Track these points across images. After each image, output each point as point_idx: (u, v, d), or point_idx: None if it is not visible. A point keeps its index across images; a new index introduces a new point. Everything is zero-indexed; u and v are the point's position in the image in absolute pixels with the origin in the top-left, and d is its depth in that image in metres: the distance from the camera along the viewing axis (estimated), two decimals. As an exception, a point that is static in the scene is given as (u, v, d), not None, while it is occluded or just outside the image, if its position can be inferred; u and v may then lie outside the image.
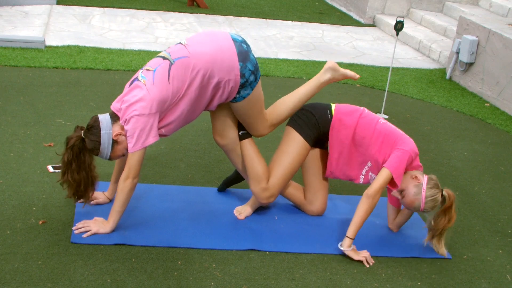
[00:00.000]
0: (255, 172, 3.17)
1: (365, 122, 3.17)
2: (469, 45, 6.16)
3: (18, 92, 4.72)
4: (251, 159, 3.18)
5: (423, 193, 3.02)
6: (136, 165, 2.86)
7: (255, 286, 2.76)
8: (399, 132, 3.16)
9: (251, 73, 2.96)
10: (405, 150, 3.05)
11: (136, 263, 2.81)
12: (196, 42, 2.95)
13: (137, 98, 2.80)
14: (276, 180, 3.19)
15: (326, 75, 3.26)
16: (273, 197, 3.22)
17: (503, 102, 5.81)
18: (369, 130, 3.14)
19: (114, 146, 2.89)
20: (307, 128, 3.21)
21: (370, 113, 3.25)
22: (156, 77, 2.83)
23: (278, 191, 3.22)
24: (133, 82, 2.88)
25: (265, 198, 3.20)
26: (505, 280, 3.06)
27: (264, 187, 3.17)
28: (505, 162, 4.58)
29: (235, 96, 2.99)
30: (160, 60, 2.90)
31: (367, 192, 3.00)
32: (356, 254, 3.02)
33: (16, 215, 3.07)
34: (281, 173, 3.19)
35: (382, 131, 3.13)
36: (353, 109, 3.24)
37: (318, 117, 3.22)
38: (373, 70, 6.64)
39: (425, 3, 8.78)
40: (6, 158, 3.64)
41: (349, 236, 3.02)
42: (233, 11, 8.57)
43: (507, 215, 3.74)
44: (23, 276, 2.62)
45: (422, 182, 3.04)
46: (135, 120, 2.79)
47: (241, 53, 2.93)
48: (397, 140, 3.09)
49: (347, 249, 3.02)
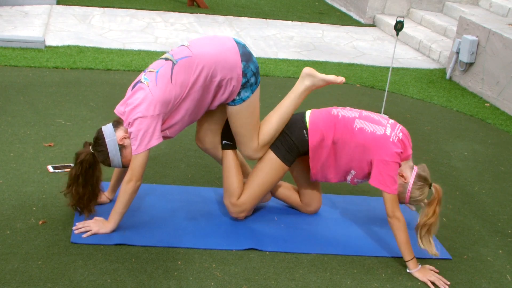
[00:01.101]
0: (229, 186, 3.16)
1: (342, 135, 3.05)
2: (469, 45, 6.16)
3: (18, 92, 4.72)
4: (228, 172, 3.17)
5: (408, 193, 3.02)
6: (140, 167, 2.86)
7: (255, 286, 2.76)
8: (374, 135, 3.00)
9: (252, 74, 2.96)
10: (386, 161, 2.95)
11: (136, 263, 2.80)
12: (199, 43, 2.96)
13: (140, 100, 2.80)
14: (247, 198, 3.16)
15: (304, 83, 3.18)
16: (244, 212, 3.20)
17: (503, 102, 5.81)
18: (347, 143, 3.05)
19: (122, 151, 2.91)
20: (285, 151, 3.14)
21: (344, 117, 3.09)
22: (159, 78, 2.83)
23: (249, 207, 3.19)
24: (136, 85, 2.88)
25: (235, 213, 3.20)
26: (505, 280, 3.06)
27: (233, 202, 3.16)
28: (505, 162, 4.58)
29: (235, 97, 2.98)
30: (163, 61, 2.90)
31: (389, 217, 2.97)
32: (422, 274, 2.96)
33: (16, 215, 3.07)
34: (253, 191, 3.16)
35: (359, 141, 3.02)
36: (328, 120, 3.10)
37: (295, 139, 3.13)
38: (373, 70, 6.64)
39: (425, 3, 8.78)
40: (6, 158, 3.64)
41: (407, 259, 2.98)
42: (233, 11, 8.57)
43: (507, 215, 3.74)
44: (23, 276, 2.62)
45: (408, 181, 3.01)
46: (139, 122, 2.79)
47: (244, 54, 2.94)
48: (375, 149, 2.98)
49: (414, 270, 2.97)
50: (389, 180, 2.96)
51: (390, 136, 2.99)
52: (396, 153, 2.96)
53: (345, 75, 6.24)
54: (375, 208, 3.60)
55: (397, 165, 2.98)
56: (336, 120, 3.09)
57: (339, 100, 5.45)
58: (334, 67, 6.54)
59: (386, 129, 3.02)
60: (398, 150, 2.97)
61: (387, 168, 2.96)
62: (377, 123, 3.04)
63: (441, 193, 2.96)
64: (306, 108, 3.44)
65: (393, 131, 3.01)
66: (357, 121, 3.06)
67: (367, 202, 3.67)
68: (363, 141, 3.01)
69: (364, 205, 3.63)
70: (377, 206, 3.63)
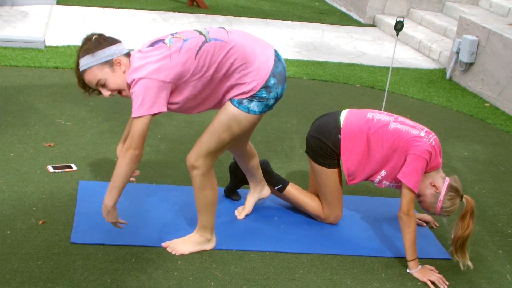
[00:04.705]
0: (313, 211, 3.35)
1: (376, 133, 3.06)
2: (469, 45, 6.16)
3: (18, 92, 4.72)
4: (302, 202, 3.35)
5: (439, 203, 3.00)
6: (139, 135, 2.59)
7: (255, 286, 2.76)
8: (409, 134, 3.02)
9: (275, 97, 2.76)
10: (416, 155, 2.95)
11: (136, 263, 2.80)
12: (240, 35, 2.77)
13: (157, 59, 2.58)
14: (332, 209, 3.32)
15: None
16: (338, 218, 3.34)
17: (503, 102, 5.81)
18: (380, 141, 3.05)
19: (108, 68, 2.65)
20: (328, 159, 3.18)
21: (379, 120, 3.10)
22: (185, 48, 2.62)
23: (337, 213, 3.31)
24: (157, 43, 2.66)
25: (331, 222, 3.34)
26: (505, 280, 3.06)
27: (323, 219, 3.35)
28: (505, 162, 4.58)
29: (241, 100, 2.73)
30: (196, 33, 2.69)
31: (401, 213, 2.96)
32: (421, 274, 2.96)
33: (16, 215, 3.06)
34: (330, 203, 3.29)
35: (393, 140, 3.02)
36: (362, 121, 3.11)
37: (332, 145, 3.14)
38: (373, 70, 6.64)
39: (425, 3, 8.78)
40: (6, 158, 3.64)
41: (409, 259, 2.98)
42: (233, 11, 8.57)
43: (507, 215, 3.74)
44: (23, 276, 2.62)
45: (440, 191, 3.00)
46: (147, 82, 2.55)
47: (277, 72, 2.74)
48: (407, 146, 3.00)
49: (414, 270, 2.97)
50: (413, 175, 2.94)
51: (423, 137, 3.01)
52: (427, 151, 2.96)
53: (345, 75, 6.24)
54: (375, 208, 3.60)
55: (425, 162, 2.96)
56: (371, 123, 3.10)
57: (339, 100, 5.45)
58: (334, 67, 6.54)
59: (421, 132, 3.04)
60: (429, 149, 2.97)
61: (415, 162, 2.95)
62: (412, 127, 3.08)
63: (473, 205, 2.96)
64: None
65: (427, 135, 3.04)
66: (392, 123, 3.09)
67: (367, 202, 3.67)
68: (397, 139, 3.03)
69: (364, 205, 3.63)
70: (377, 206, 3.63)
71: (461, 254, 2.99)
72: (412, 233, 2.95)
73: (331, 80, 6.02)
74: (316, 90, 5.66)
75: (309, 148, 3.23)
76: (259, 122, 2.99)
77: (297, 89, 5.56)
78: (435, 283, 2.92)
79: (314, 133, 3.21)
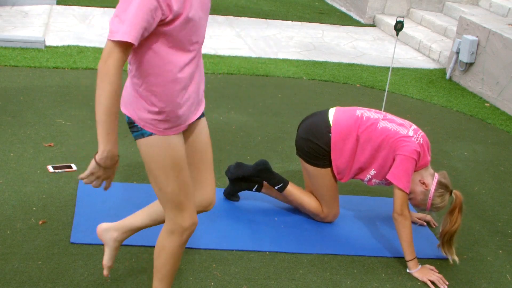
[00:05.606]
0: (310, 209, 3.33)
1: (365, 132, 3.08)
2: (469, 45, 6.16)
3: (18, 92, 4.72)
4: (301, 200, 3.35)
5: (429, 200, 3.03)
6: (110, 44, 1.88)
7: (255, 286, 2.76)
8: (397, 133, 3.04)
9: None
10: (405, 156, 2.98)
11: (136, 263, 2.80)
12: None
13: None
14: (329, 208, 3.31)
15: None
16: (336, 215, 3.36)
17: (503, 102, 5.81)
18: (369, 140, 3.07)
19: None
20: (321, 160, 3.19)
21: (368, 118, 3.13)
22: None
23: (335, 211, 3.33)
24: None
25: (331, 221, 3.37)
26: (505, 280, 3.06)
27: (323, 217, 3.34)
28: (505, 162, 4.58)
29: None
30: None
31: (395, 214, 2.97)
32: (421, 274, 2.96)
33: (16, 215, 3.07)
34: (327, 200, 3.30)
35: (382, 139, 3.05)
36: (351, 119, 3.13)
37: (323, 145, 3.15)
38: (373, 70, 6.64)
39: (425, 3, 8.78)
40: (6, 158, 3.64)
41: (408, 259, 2.99)
42: (233, 11, 8.57)
43: (507, 215, 3.74)
44: (23, 276, 2.62)
45: (429, 189, 3.02)
46: None
47: None
48: (395, 146, 3.02)
49: (414, 270, 2.98)
50: (404, 176, 2.97)
51: (412, 137, 3.03)
52: (415, 151, 2.98)
53: (345, 75, 6.24)
54: (375, 208, 3.61)
55: (414, 162, 2.99)
56: (360, 121, 3.12)
57: (339, 100, 5.45)
58: (334, 67, 6.54)
59: (409, 131, 3.06)
60: (417, 149, 2.99)
61: (404, 163, 2.98)
62: (400, 125, 3.09)
63: (462, 200, 3.00)
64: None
65: (415, 134, 3.05)
66: (381, 121, 3.11)
67: (367, 202, 3.68)
68: (386, 138, 3.05)
69: (364, 205, 3.63)
70: (377, 206, 3.63)
71: (448, 248, 3.03)
72: (408, 233, 2.96)
73: (331, 80, 6.02)
74: (316, 90, 5.66)
75: (301, 150, 3.24)
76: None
77: (297, 89, 5.57)
78: (435, 283, 2.93)
79: (305, 134, 3.21)
